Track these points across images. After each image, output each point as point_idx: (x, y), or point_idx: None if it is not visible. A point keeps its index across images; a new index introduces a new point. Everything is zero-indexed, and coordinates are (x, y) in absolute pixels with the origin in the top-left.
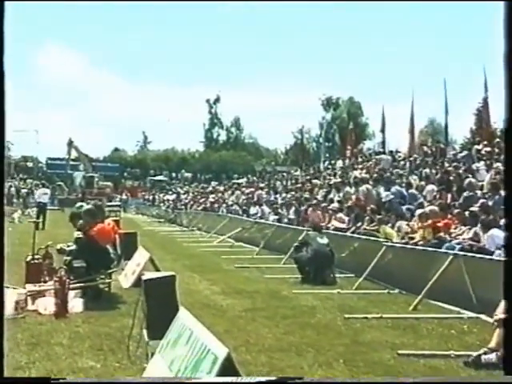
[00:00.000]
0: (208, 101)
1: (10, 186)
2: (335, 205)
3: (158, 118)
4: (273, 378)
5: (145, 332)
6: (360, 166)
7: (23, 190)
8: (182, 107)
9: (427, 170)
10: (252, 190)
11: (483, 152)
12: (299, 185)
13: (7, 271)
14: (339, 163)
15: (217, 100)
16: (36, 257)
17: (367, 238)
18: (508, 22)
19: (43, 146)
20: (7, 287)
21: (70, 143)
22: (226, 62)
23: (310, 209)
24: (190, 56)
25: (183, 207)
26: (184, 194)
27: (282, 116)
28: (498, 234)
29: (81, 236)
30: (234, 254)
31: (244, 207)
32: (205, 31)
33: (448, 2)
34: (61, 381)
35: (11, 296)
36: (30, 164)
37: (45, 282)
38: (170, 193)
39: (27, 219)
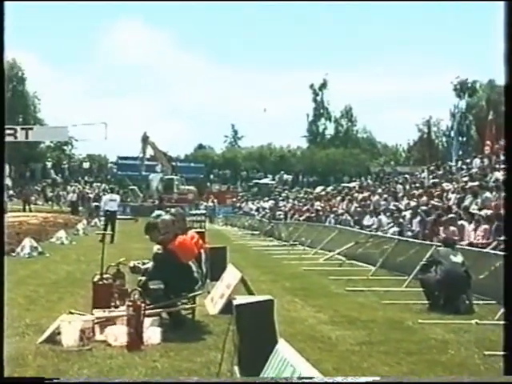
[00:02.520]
0: (312, 86)
1: (74, 191)
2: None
3: (250, 108)
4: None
5: (236, 369)
6: (503, 166)
7: (89, 196)
8: (280, 95)
9: None
10: (367, 195)
11: None
12: (425, 189)
13: (71, 293)
14: (476, 162)
15: (323, 85)
16: (105, 277)
17: None
18: (508, 21)
19: (113, 143)
20: (71, 313)
21: (146, 139)
22: (333, 40)
23: (441, 219)
24: (289, 36)
25: (282, 217)
26: (283, 200)
27: (404, 105)
28: None
29: (159, 252)
30: (345, 275)
31: (357, 217)
32: (309, 8)
33: None
34: (54, 381)
35: (76, 324)
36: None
37: (115, 307)
38: (266, 199)
39: (94, 231)
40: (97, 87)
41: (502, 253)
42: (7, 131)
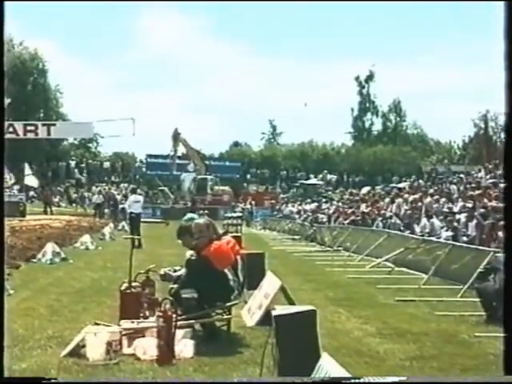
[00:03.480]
0: (357, 78)
1: (99, 192)
2: None
3: (290, 102)
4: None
5: None
6: None
7: (116, 197)
8: (322, 88)
9: None
10: (418, 197)
11: None
12: (482, 190)
13: (97, 303)
14: None
15: (369, 77)
16: (133, 285)
17: None
18: (508, 21)
19: (141, 140)
20: (97, 324)
21: (177, 136)
22: (381, 28)
23: (499, 223)
24: (332, 22)
25: (325, 220)
26: (326, 202)
27: (459, 98)
28: None
29: (192, 258)
30: (394, 283)
31: (407, 220)
32: None
33: None
34: (52, 381)
35: (102, 336)
36: (119, 163)
37: (145, 317)
38: (308, 201)
39: (121, 235)
40: (124, 80)
41: None
42: (28, 127)
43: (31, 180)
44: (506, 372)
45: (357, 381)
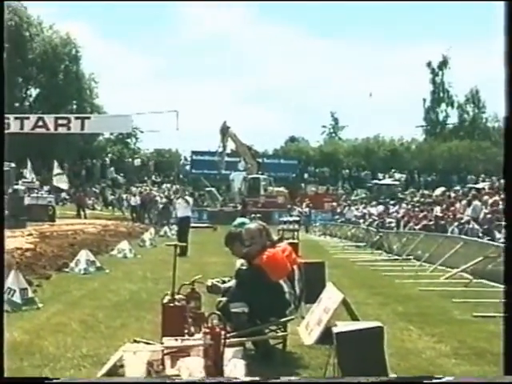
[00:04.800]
0: (429, 65)
1: (141, 193)
2: None
3: (353, 91)
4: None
5: None
6: None
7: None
8: (389, 76)
9: None
10: (499, 199)
11: None
12: None
13: (136, 318)
14: None
15: (443, 63)
16: (177, 298)
17: None
18: (508, 21)
19: (185, 135)
20: (136, 341)
21: (226, 130)
22: (455, 7)
23: None
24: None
25: (393, 225)
26: (394, 204)
27: None
28: None
29: (243, 267)
30: (472, 297)
31: (487, 226)
32: None
33: None
34: (54, 381)
35: (142, 355)
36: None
37: (190, 334)
38: (374, 203)
39: (163, 242)
40: (166, 68)
41: None
42: (59, 121)
43: (61, 180)
44: (506, 372)
45: (357, 381)
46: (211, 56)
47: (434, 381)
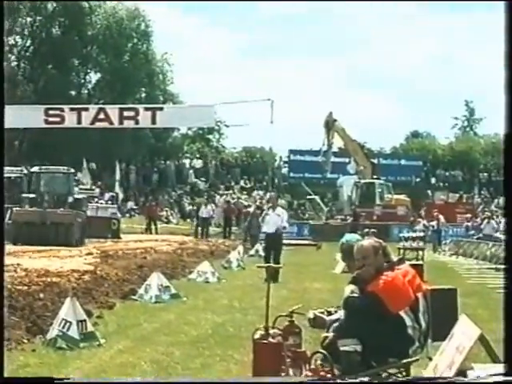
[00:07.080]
0: None
1: (227, 202)
2: None
3: (492, 76)
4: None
5: None
6: None
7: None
8: None
9: None
10: None
11: None
12: None
13: (221, 357)
14: None
15: None
16: (271, 333)
17: None
18: (509, 21)
19: (281, 130)
20: None
21: (332, 123)
22: None
23: None
24: None
25: None
26: None
27: None
28: None
29: (354, 295)
30: None
31: None
32: None
33: None
34: (65, 381)
35: None
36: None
37: (288, 375)
38: None
39: (254, 263)
40: (254, 48)
41: None
42: (125, 113)
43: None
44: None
45: (357, 381)
46: (305, 32)
47: (439, 381)
